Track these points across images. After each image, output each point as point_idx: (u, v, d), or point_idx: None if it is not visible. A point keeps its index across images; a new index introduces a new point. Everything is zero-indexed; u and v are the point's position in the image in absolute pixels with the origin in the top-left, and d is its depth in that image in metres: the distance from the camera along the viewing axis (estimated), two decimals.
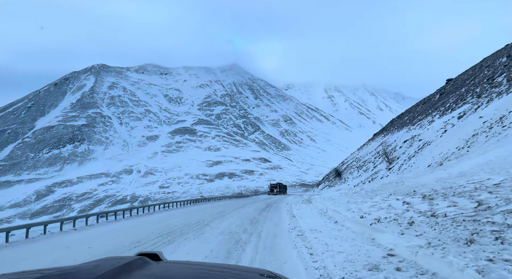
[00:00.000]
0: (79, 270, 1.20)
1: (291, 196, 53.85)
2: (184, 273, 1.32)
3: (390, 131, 49.24)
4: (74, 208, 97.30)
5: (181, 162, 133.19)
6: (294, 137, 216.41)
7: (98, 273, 1.13)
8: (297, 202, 28.06)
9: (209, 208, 26.96)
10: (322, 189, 46.16)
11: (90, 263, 1.35)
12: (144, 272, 1.25)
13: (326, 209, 15.99)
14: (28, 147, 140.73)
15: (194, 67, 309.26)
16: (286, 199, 39.03)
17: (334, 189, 33.77)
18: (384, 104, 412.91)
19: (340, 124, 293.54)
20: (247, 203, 33.27)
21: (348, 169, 43.95)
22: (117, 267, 1.22)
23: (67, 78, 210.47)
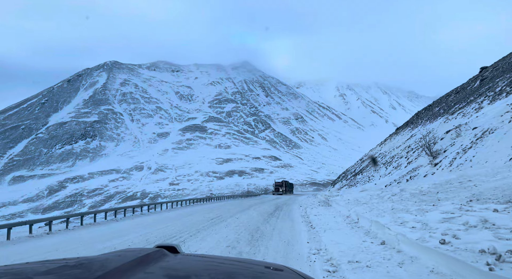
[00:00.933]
0: (101, 260, 1.27)
1: (302, 196, 49.67)
2: (200, 266, 1.39)
3: (418, 124, 43.11)
4: (85, 203, 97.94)
5: (191, 159, 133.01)
6: (305, 135, 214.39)
7: (120, 263, 1.20)
8: (312, 204, 24.06)
9: (205, 210, 22.39)
10: (339, 188, 40.76)
11: (112, 253, 1.43)
12: (162, 263, 1.33)
13: (356, 216, 11.84)
14: (41, 143, 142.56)
15: (205, 64, 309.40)
16: (297, 200, 36.13)
17: (356, 189, 29.03)
18: (397, 103, 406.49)
19: (352, 123, 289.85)
20: (253, 203, 29.92)
21: (372, 167, 37.99)
22: (138, 258, 1.30)
23: (80, 75, 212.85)
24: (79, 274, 1.10)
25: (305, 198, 39.36)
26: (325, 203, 23.14)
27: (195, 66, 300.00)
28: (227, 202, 38.76)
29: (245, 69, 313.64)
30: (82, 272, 1.13)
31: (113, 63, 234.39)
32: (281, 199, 41.42)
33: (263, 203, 30.22)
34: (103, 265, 1.19)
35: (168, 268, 1.26)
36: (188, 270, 1.28)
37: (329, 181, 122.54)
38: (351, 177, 44.96)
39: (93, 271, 1.12)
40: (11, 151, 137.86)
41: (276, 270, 1.42)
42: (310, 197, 42.97)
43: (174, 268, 1.29)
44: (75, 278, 1.04)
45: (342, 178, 56.03)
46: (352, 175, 47.69)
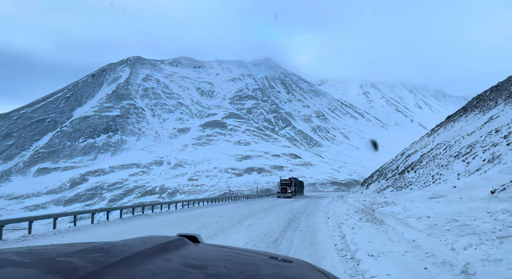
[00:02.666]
0: (125, 245, 1.33)
1: (323, 199, 40.26)
2: (217, 255, 1.43)
3: (490, 107, 33.42)
4: (105, 197, 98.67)
5: (210, 155, 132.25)
6: (326, 133, 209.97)
7: (143, 248, 1.25)
8: (345, 215, 16.55)
9: (186, 219, 16.65)
10: (379, 190, 31.46)
11: (136, 239, 1.49)
12: (184, 251, 1.39)
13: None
14: (65, 136, 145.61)
15: (227, 60, 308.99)
16: (320, 206, 27.49)
17: (414, 193, 19.06)
18: (423, 102, 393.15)
19: (375, 121, 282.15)
20: (261, 208, 23.71)
21: (430, 161, 27.64)
22: (160, 244, 1.36)
23: (104, 70, 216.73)
24: (100, 257, 1.13)
25: (329, 202, 31.33)
26: (369, 215, 15.55)
27: (217, 62, 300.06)
28: (230, 205, 30.34)
29: (266, 66, 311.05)
30: (103, 255, 1.17)
31: (136, 58, 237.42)
32: (293, 203, 31.72)
33: (274, 208, 24.26)
34: (124, 249, 1.24)
35: (187, 256, 1.31)
36: (206, 259, 1.32)
37: (351, 181, 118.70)
38: (395, 176, 34.09)
39: (113, 255, 1.15)
40: (37, 143, 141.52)
41: (292, 263, 1.46)
42: (335, 199, 35.47)
43: (193, 256, 1.34)
44: (95, 261, 1.07)
45: (378, 176, 45.39)
46: (395, 173, 36.94)
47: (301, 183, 61.66)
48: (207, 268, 1.20)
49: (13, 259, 1.13)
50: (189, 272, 1.11)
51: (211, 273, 1.14)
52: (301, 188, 60.43)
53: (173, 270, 1.12)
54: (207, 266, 1.22)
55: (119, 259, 1.07)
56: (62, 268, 0.98)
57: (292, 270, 1.36)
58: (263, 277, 1.17)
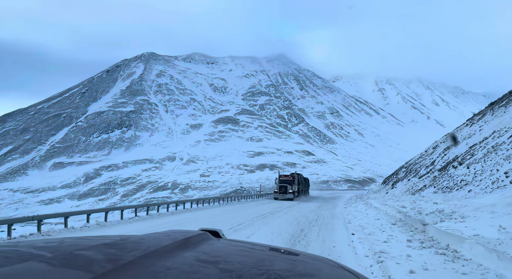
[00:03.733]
0: (150, 238, 1.36)
1: (339, 200, 34.73)
2: (238, 251, 1.45)
3: None
4: (118, 192, 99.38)
5: (222, 151, 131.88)
6: (340, 130, 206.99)
7: (168, 242, 1.29)
8: (382, 231, 11.50)
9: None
10: (413, 191, 25.67)
11: (160, 233, 1.52)
12: (207, 246, 1.41)
13: None
14: (80, 131, 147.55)
15: (240, 57, 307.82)
16: (335, 210, 22.23)
17: (487, 199, 13.65)
18: (440, 99, 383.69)
19: (391, 118, 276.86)
20: (255, 215, 18.12)
21: (490, 154, 22.11)
22: (184, 238, 1.39)
23: (119, 66, 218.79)
24: (120, 252, 1.14)
25: (347, 204, 26.40)
26: (419, 233, 10.54)
27: (230, 58, 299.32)
28: (219, 209, 23.60)
29: (280, 62, 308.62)
30: (123, 250, 1.18)
31: (150, 54, 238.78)
32: (300, 207, 25.20)
33: (271, 217, 17.47)
34: (146, 244, 1.25)
35: (206, 251, 1.33)
36: (223, 254, 1.34)
37: (366, 178, 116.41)
38: (433, 173, 27.70)
39: (134, 249, 1.17)
40: (53, 138, 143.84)
41: (311, 258, 1.45)
42: (353, 201, 30.57)
43: (211, 251, 1.36)
44: (115, 256, 1.07)
45: (406, 174, 39.20)
46: (431, 169, 30.21)
47: (306, 180, 49.91)
48: (222, 263, 1.21)
49: (30, 252, 1.14)
50: (204, 267, 1.13)
51: (225, 268, 1.16)
52: (306, 187, 49.62)
53: (188, 264, 1.13)
54: (223, 261, 1.23)
55: (139, 255, 1.08)
56: (79, 263, 0.99)
57: (307, 265, 1.36)
58: (277, 272, 1.18)
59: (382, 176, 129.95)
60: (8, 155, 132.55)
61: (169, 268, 1.03)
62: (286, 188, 37.46)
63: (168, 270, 1.02)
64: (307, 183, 50.77)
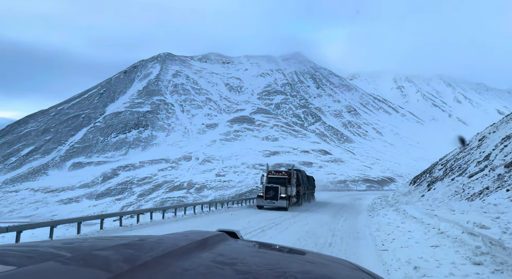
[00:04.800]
0: (168, 239, 1.39)
1: (360, 206, 28.38)
2: (255, 252, 1.45)
3: None
4: (135, 191, 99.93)
5: (238, 151, 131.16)
6: (358, 129, 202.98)
7: (185, 242, 1.30)
8: None
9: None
10: (472, 196, 18.95)
11: (178, 233, 1.54)
12: (224, 246, 1.43)
13: None
14: (98, 131, 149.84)
15: (255, 56, 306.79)
16: (358, 220, 17.62)
17: None
18: (462, 96, 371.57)
19: (410, 117, 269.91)
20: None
21: None
22: (202, 239, 1.40)
23: (136, 66, 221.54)
24: (137, 253, 1.16)
25: (373, 215, 19.72)
26: None
27: (246, 58, 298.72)
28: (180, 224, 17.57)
29: (296, 60, 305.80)
30: (141, 251, 1.19)
31: (166, 55, 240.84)
32: (300, 221, 17.36)
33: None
34: (163, 245, 1.26)
35: (222, 253, 1.34)
36: (240, 255, 1.35)
37: (385, 178, 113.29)
38: (496, 171, 21.35)
39: (151, 250, 1.17)
40: (72, 138, 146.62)
41: (330, 261, 1.44)
42: (381, 207, 23.94)
43: (228, 252, 1.37)
44: (132, 256, 1.08)
45: (446, 173, 31.75)
46: (486, 165, 24.07)
47: (309, 179, 37.89)
48: (239, 264, 1.22)
49: (51, 252, 1.18)
50: (220, 268, 1.14)
51: (241, 269, 1.16)
52: (311, 189, 37.54)
53: (205, 265, 1.14)
54: (239, 263, 1.24)
55: (156, 255, 1.09)
56: (97, 263, 1.01)
57: (324, 267, 1.34)
58: (294, 274, 1.18)
59: (401, 175, 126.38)
60: (30, 155, 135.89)
61: (186, 269, 1.05)
62: (277, 191, 25.01)
63: (185, 271, 1.04)
64: (311, 183, 38.33)
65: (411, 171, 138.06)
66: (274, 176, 27.55)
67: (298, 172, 32.11)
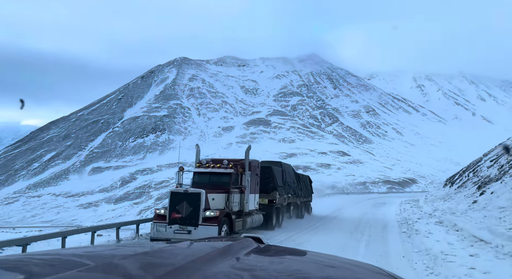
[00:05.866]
0: (191, 246, 1.38)
1: (389, 226, 17.83)
2: (277, 258, 1.44)
3: None
4: (152, 195, 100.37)
5: (254, 153, 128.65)
6: (377, 129, 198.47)
7: (209, 249, 1.30)
8: None
9: None
10: None
11: (202, 240, 1.55)
12: (248, 253, 1.42)
13: None
14: (117, 136, 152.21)
15: (271, 58, 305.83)
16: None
17: None
18: (486, 93, 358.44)
19: (431, 116, 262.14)
20: None
21: None
22: (226, 246, 1.41)
23: (152, 71, 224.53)
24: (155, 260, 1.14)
25: (412, 239, 12.96)
26: None
27: (261, 60, 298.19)
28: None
29: (312, 61, 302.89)
30: (161, 260, 1.17)
31: (182, 59, 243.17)
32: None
33: None
34: (186, 253, 1.26)
35: (250, 258, 1.33)
36: (261, 261, 1.34)
37: (406, 179, 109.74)
38: None
39: (172, 258, 1.17)
40: (92, 143, 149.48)
41: (355, 266, 1.40)
42: (422, 222, 16.67)
43: (250, 258, 1.36)
44: (152, 266, 1.07)
45: (503, 172, 24.33)
46: None
47: (301, 179, 24.70)
48: (260, 271, 1.20)
49: (73, 260, 1.18)
50: (241, 275, 1.13)
51: (262, 276, 1.14)
52: (303, 196, 24.32)
53: (227, 272, 1.13)
54: (261, 269, 1.21)
55: (178, 264, 1.09)
56: (119, 272, 1.00)
57: (348, 272, 1.31)
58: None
59: (424, 176, 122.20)
60: (52, 160, 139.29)
61: (207, 277, 1.03)
62: (196, 205, 13.30)
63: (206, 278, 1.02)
64: (305, 186, 25.25)
65: (433, 171, 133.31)
66: (203, 170, 15.21)
67: (275, 165, 20.67)
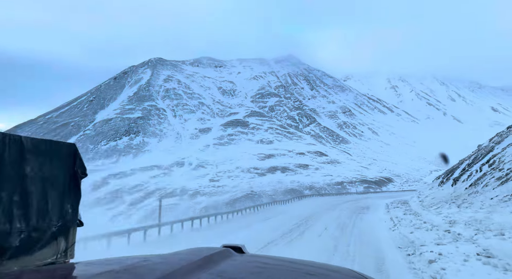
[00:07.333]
0: (169, 259, 1.32)
1: None
2: (259, 267, 1.39)
3: None
4: (125, 200, 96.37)
5: (232, 155, 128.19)
6: (353, 129, 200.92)
7: (187, 262, 1.26)
8: None
9: None
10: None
11: (182, 252, 1.49)
12: (230, 262, 1.38)
13: None
14: (88, 139, 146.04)
15: (248, 59, 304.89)
16: None
17: None
18: (456, 94, 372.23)
19: (405, 116, 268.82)
20: None
21: None
22: (205, 257, 1.36)
23: (126, 72, 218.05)
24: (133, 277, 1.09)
25: None
26: None
27: (238, 61, 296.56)
28: None
29: (289, 62, 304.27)
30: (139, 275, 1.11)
31: (157, 60, 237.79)
32: None
33: None
34: (165, 266, 1.21)
35: (226, 269, 1.29)
36: (244, 271, 1.30)
37: (382, 178, 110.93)
38: None
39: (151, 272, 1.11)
40: None
41: (335, 272, 1.40)
42: (452, 255, 8.87)
43: (232, 269, 1.32)
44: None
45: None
46: None
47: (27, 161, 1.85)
48: None
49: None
50: None
51: None
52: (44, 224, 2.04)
53: None
54: (244, 277, 1.19)
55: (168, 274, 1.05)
56: None
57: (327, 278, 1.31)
58: None
59: (399, 175, 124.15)
60: None
61: None
62: None
63: None
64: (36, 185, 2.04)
65: (408, 170, 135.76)
66: None
67: None
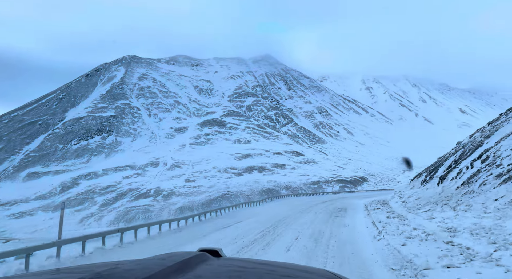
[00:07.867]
0: (143, 264, 1.27)
1: None
2: (237, 270, 1.38)
3: None
4: (97, 201, 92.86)
5: (209, 155, 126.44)
6: (329, 130, 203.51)
7: (161, 267, 1.22)
8: None
9: None
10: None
11: (157, 257, 1.45)
12: (206, 266, 1.35)
13: None
14: (57, 138, 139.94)
15: (225, 58, 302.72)
16: None
17: None
18: (427, 95, 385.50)
19: (379, 116, 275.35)
20: None
21: None
22: (180, 262, 1.32)
23: (98, 70, 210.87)
24: None
25: None
26: None
27: (215, 60, 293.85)
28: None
29: (266, 62, 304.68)
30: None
31: (131, 57, 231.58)
32: None
33: None
34: (140, 271, 1.17)
35: (203, 274, 1.27)
36: (222, 275, 1.28)
37: (357, 178, 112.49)
38: None
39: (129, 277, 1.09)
40: (28, 146, 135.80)
41: (312, 273, 1.41)
42: None
43: (209, 273, 1.30)
44: None
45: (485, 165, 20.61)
46: None
47: None
48: None
49: None
50: None
51: None
52: None
53: None
54: None
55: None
56: None
57: None
58: None
59: (373, 174, 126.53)
60: None
61: None
62: None
63: None
64: None
65: (382, 170, 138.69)
66: None
67: None
